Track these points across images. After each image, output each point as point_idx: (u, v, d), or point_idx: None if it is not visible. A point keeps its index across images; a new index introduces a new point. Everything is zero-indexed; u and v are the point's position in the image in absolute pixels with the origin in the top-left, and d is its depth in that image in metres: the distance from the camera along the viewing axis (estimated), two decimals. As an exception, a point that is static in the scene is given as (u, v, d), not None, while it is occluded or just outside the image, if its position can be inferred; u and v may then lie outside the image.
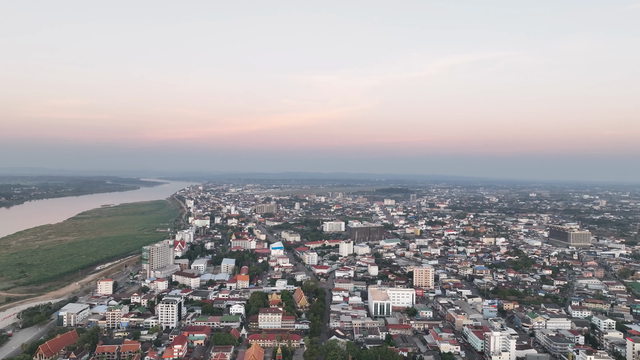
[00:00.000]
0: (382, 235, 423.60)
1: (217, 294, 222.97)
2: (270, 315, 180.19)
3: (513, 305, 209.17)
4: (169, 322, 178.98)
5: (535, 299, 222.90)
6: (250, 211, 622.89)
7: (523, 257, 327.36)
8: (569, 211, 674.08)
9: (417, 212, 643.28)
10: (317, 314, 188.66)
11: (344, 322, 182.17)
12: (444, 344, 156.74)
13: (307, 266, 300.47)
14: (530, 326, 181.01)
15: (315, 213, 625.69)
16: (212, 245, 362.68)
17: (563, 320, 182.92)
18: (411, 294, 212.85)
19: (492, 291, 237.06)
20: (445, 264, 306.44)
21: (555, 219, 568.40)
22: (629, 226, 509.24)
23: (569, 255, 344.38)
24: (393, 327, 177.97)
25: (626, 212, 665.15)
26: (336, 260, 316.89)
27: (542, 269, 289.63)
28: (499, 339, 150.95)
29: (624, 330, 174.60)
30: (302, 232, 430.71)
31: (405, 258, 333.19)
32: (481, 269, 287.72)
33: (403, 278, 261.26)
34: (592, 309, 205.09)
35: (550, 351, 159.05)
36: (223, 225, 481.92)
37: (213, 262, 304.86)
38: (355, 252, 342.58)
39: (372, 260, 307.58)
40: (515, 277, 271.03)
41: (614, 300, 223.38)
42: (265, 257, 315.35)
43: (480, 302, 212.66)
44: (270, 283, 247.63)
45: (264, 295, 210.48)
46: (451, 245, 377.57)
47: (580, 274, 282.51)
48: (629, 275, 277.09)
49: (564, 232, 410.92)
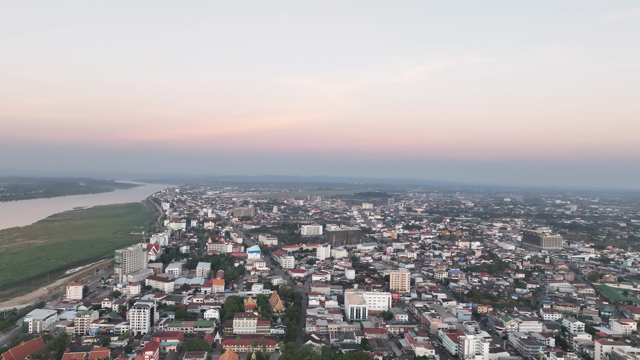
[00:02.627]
0: (360, 239, 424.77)
1: (191, 299, 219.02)
2: (246, 320, 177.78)
3: (487, 309, 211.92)
4: (141, 327, 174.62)
5: (509, 302, 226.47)
6: (228, 214, 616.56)
7: (497, 260, 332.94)
8: (542, 216, 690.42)
9: (395, 216, 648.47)
10: (293, 318, 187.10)
11: (320, 327, 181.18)
12: (419, 347, 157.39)
13: (284, 270, 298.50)
14: (504, 329, 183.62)
15: (293, 216, 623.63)
16: (187, 248, 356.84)
17: (535, 323, 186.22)
18: (387, 297, 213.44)
19: (466, 294, 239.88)
20: (422, 268, 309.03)
21: (529, 223, 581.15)
22: (598, 230, 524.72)
23: (541, 259, 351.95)
24: (369, 331, 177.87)
25: (595, 217, 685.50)
26: (313, 264, 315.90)
27: (516, 273, 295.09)
28: (473, 342, 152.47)
29: (593, 332, 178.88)
30: (280, 236, 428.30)
31: (382, 262, 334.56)
32: (456, 272, 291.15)
33: (380, 282, 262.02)
34: (563, 311, 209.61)
35: (522, 354, 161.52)
36: (199, 228, 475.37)
37: (188, 266, 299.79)
38: (332, 255, 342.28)
39: (349, 264, 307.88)
40: (489, 281, 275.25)
41: (583, 303, 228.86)
42: (241, 261, 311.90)
43: (455, 305, 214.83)
44: (246, 287, 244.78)
45: (239, 300, 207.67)
46: (427, 249, 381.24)
47: (552, 277, 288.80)
48: (597, 278, 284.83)
49: (536, 237, 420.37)
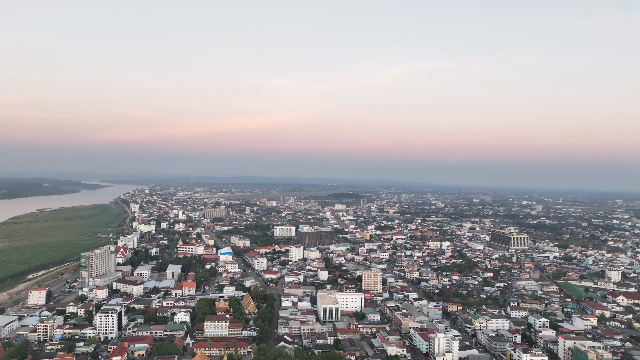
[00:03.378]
0: (333, 240, 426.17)
1: (161, 302, 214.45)
2: (217, 323, 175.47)
3: (457, 307, 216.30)
4: (108, 332, 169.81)
5: (478, 300, 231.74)
6: (199, 216, 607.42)
7: (466, 260, 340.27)
8: (509, 216, 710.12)
9: (367, 217, 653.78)
10: (265, 320, 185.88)
11: (293, 328, 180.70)
12: (391, 347, 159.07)
13: (257, 272, 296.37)
14: (473, 327, 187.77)
15: (266, 218, 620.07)
16: (157, 251, 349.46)
17: (502, 321, 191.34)
18: (360, 298, 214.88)
19: (437, 294, 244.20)
20: (394, 268, 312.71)
21: (497, 223, 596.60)
22: (562, 230, 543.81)
23: (509, 258, 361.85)
24: (341, 331, 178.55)
25: (559, 217, 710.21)
26: (286, 265, 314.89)
27: (484, 272, 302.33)
28: (443, 341, 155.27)
29: (557, 328, 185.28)
30: (252, 237, 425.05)
31: (354, 262, 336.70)
32: (427, 272, 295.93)
33: (352, 282, 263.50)
34: (529, 309, 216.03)
35: (490, 351, 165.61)
36: (170, 230, 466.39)
37: (158, 269, 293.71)
38: (305, 256, 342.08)
39: (322, 265, 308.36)
40: (459, 280, 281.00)
41: (548, 300, 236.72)
42: (213, 263, 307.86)
43: (426, 304, 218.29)
44: (218, 289, 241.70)
45: (210, 302, 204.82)
46: (399, 249, 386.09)
47: (519, 275, 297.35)
48: (561, 276, 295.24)
49: (504, 236, 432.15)
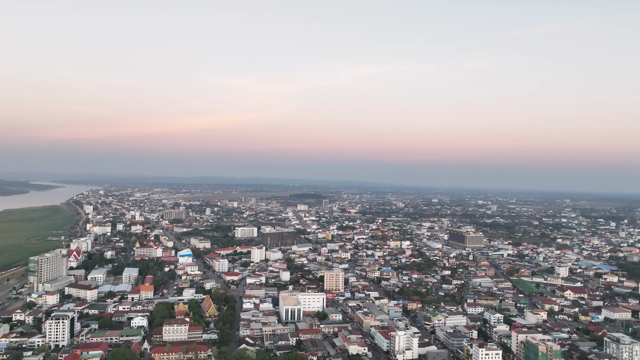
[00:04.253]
0: (295, 241, 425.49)
1: (117, 307, 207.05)
2: (176, 327, 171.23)
3: (416, 305, 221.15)
4: (59, 340, 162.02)
5: (436, 298, 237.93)
6: (157, 217, 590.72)
7: (426, 259, 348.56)
8: (466, 215, 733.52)
9: (329, 217, 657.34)
10: (226, 322, 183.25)
11: (254, 330, 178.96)
12: (352, 345, 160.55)
13: (218, 273, 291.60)
14: (431, 324, 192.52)
15: (227, 218, 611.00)
16: (113, 254, 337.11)
17: (459, 317, 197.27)
18: (322, 298, 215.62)
19: (397, 292, 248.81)
20: (355, 267, 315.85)
21: (454, 222, 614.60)
22: (515, 229, 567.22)
23: (466, 256, 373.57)
24: (303, 332, 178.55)
25: (513, 216, 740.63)
26: (248, 267, 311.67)
27: (443, 270, 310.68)
28: (403, 338, 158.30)
29: (510, 323, 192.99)
30: (213, 239, 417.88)
31: (317, 262, 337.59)
32: (388, 271, 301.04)
33: (314, 282, 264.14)
34: (484, 305, 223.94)
35: (448, 347, 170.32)
36: (126, 232, 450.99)
37: (114, 272, 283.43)
38: (267, 257, 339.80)
39: (284, 266, 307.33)
40: (418, 278, 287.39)
41: (502, 296, 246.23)
42: (172, 265, 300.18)
43: (386, 303, 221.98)
44: (177, 292, 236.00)
45: (169, 306, 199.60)
46: (361, 249, 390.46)
47: (475, 273, 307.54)
48: (514, 273, 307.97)
49: (461, 235, 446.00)
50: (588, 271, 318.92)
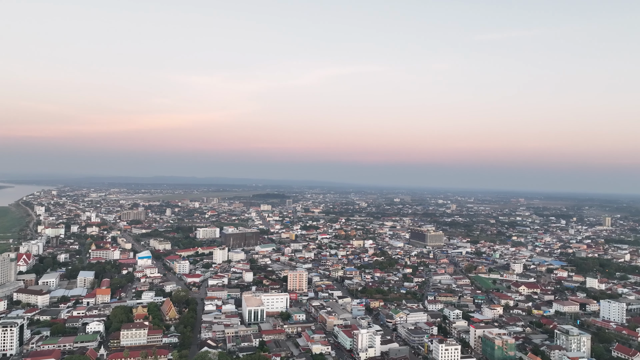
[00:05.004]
0: (258, 241, 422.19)
1: (71, 312, 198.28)
2: (135, 331, 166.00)
3: (379, 303, 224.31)
4: (7, 349, 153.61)
5: (398, 296, 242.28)
6: (115, 218, 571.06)
7: (388, 257, 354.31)
8: (427, 214, 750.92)
9: (293, 217, 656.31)
10: (187, 325, 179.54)
11: (217, 332, 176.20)
12: (316, 345, 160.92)
13: (178, 275, 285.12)
14: (393, 321, 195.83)
15: (188, 219, 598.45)
16: (66, 257, 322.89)
17: (421, 314, 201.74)
18: (285, 298, 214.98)
19: (360, 291, 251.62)
20: (319, 267, 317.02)
21: (415, 221, 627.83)
22: (473, 227, 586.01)
23: (426, 254, 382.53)
24: (267, 332, 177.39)
25: (471, 215, 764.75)
26: (210, 268, 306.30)
27: (404, 268, 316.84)
28: (366, 336, 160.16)
29: (469, 318, 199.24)
30: (174, 240, 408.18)
31: (280, 263, 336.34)
32: (351, 270, 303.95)
33: (278, 283, 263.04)
34: (444, 301, 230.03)
35: (409, 343, 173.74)
36: (81, 234, 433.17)
37: (67, 276, 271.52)
38: (230, 258, 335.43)
39: (247, 267, 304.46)
40: (381, 277, 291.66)
41: (461, 292, 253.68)
42: (130, 268, 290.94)
43: (349, 302, 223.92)
44: (136, 295, 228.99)
45: (127, 310, 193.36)
46: (324, 249, 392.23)
47: (435, 270, 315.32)
48: (472, 270, 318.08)
49: (422, 234, 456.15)
50: (541, 267, 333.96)
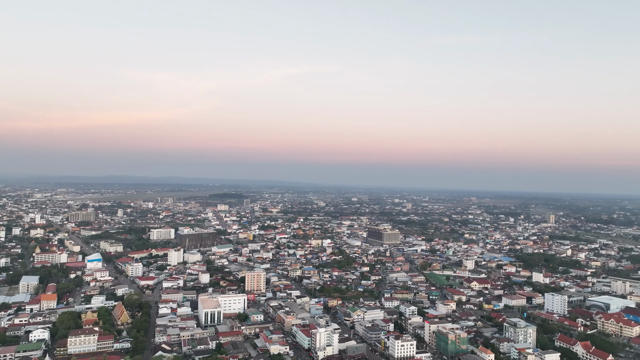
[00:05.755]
0: (215, 242, 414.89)
1: (12, 320, 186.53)
2: (83, 337, 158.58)
3: (337, 302, 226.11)
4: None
5: (356, 294, 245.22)
6: (62, 220, 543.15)
7: (346, 256, 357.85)
8: (384, 213, 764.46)
9: (251, 217, 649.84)
10: (141, 329, 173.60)
11: (172, 336, 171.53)
12: (274, 345, 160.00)
13: (131, 278, 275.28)
14: (351, 319, 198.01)
15: (141, 220, 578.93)
16: (7, 261, 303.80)
17: (377, 312, 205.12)
18: (243, 299, 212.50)
19: (318, 290, 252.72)
20: (277, 267, 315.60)
21: (373, 220, 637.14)
22: (428, 225, 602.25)
23: (383, 252, 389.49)
24: (224, 334, 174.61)
25: (426, 214, 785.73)
26: (164, 270, 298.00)
27: (362, 266, 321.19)
28: (324, 335, 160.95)
29: (424, 314, 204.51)
30: (126, 242, 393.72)
31: (238, 263, 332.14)
32: (309, 269, 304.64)
33: (235, 284, 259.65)
34: (400, 298, 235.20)
35: (367, 340, 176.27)
36: (24, 236, 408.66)
37: (9, 282, 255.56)
38: (185, 260, 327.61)
39: (203, 268, 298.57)
40: (339, 276, 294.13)
41: (416, 289, 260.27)
42: (79, 272, 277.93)
43: (308, 301, 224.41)
44: (85, 300, 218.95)
45: (75, 315, 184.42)
46: (283, 249, 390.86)
47: (392, 268, 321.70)
48: (427, 267, 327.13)
49: (379, 232, 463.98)
50: (491, 263, 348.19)
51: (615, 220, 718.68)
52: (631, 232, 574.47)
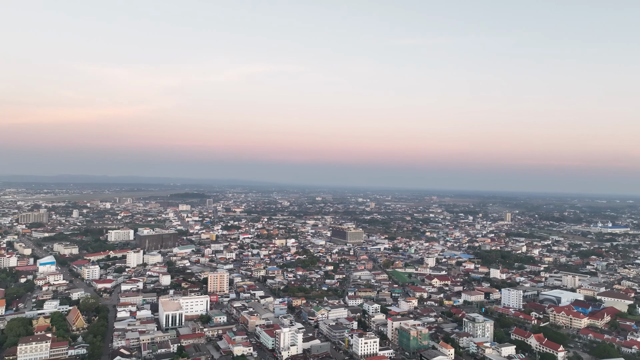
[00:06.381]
0: (176, 242, 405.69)
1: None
2: (35, 345, 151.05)
3: (301, 301, 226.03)
4: None
5: (320, 293, 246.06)
6: (11, 221, 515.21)
7: (310, 255, 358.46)
8: (347, 213, 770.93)
9: (213, 217, 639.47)
10: (97, 334, 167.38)
11: (130, 340, 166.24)
12: (237, 347, 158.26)
13: (87, 282, 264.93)
14: (315, 319, 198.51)
15: (98, 221, 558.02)
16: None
17: (341, 310, 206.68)
18: (205, 300, 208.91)
19: (283, 290, 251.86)
20: (240, 267, 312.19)
21: (337, 220, 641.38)
22: (391, 224, 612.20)
23: (347, 251, 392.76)
24: (185, 337, 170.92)
25: (389, 213, 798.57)
26: (123, 272, 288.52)
27: (326, 266, 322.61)
28: (288, 335, 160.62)
29: (386, 312, 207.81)
30: (82, 244, 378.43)
31: (200, 264, 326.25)
32: (273, 269, 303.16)
33: (198, 285, 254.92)
34: (364, 296, 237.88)
35: (331, 339, 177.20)
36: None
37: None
38: (145, 261, 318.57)
39: (164, 269, 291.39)
40: (303, 275, 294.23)
41: (379, 287, 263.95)
42: (30, 276, 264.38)
43: (272, 301, 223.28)
44: (37, 305, 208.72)
45: (26, 322, 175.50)
46: (246, 249, 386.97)
47: (355, 267, 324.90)
48: (390, 265, 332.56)
49: (343, 231, 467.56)
50: (451, 260, 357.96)
51: (566, 218, 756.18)
52: (580, 228, 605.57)
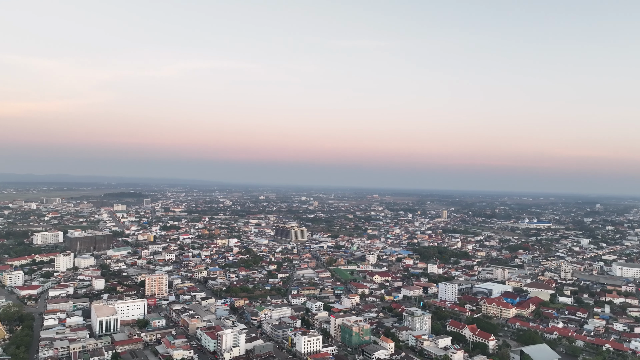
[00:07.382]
0: (111, 244, 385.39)
1: None
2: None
3: (244, 302, 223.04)
4: None
5: (263, 292, 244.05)
6: None
7: (253, 255, 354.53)
8: (291, 211, 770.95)
9: (151, 217, 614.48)
10: (21, 345, 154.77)
11: (59, 349, 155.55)
12: (177, 350, 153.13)
13: (9, 288, 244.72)
14: (258, 318, 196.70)
15: (22, 223, 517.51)
16: None
17: (285, 309, 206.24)
18: (142, 304, 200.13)
19: (225, 290, 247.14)
20: (180, 269, 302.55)
21: (280, 218, 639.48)
22: (334, 222, 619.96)
23: (290, 250, 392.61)
24: (121, 343, 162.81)
25: (332, 211, 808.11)
26: (51, 277, 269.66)
27: (269, 265, 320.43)
28: (230, 336, 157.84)
29: (329, 309, 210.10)
30: (3, 247, 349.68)
31: (137, 267, 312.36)
32: (215, 270, 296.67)
33: (134, 288, 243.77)
34: (307, 295, 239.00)
35: (274, 338, 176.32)
36: None
37: None
38: (76, 265, 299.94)
39: (97, 273, 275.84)
40: (246, 275, 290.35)
41: (322, 285, 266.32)
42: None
43: (213, 302, 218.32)
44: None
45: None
46: (186, 249, 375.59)
47: (299, 265, 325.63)
48: (333, 263, 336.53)
49: (286, 230, 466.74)
50: (391, 257, 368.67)
51: (497, 215, 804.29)
52: (509, 224, 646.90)
